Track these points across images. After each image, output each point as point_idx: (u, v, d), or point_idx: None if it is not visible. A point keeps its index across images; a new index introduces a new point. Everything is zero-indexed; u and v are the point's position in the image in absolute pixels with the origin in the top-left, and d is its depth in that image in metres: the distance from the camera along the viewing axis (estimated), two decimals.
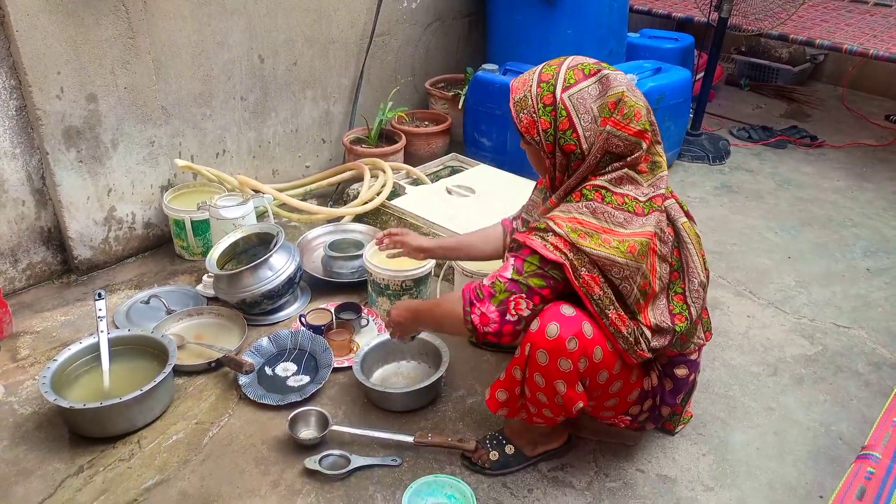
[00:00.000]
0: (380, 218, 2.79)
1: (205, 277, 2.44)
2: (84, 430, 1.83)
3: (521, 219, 1.93)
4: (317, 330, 2.19)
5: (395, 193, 2.86)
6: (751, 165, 3.75)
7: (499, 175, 3.01)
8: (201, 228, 2.60)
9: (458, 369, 2.10)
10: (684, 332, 1.61)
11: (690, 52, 4.07)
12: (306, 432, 1.85)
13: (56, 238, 2.49)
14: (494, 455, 1.76)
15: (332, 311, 2.26)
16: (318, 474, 1.73)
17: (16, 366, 2.10)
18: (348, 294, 2.46)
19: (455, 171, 3.15)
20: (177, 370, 1.98)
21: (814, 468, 1.84)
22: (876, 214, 3.26)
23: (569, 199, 1.55)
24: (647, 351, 1.55)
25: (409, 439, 1.80)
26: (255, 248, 2.42)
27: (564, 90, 1.50)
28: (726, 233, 3.05)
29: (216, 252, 2.32)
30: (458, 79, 3.67)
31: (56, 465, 1.76)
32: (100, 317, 1.99)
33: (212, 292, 2.35)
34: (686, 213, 1.65)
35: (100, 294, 2.04)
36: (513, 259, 1.53)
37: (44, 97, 2.23)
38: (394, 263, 2.20)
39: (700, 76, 3.95)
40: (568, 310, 1.50)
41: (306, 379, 2.05)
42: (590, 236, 1.47)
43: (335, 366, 2.07)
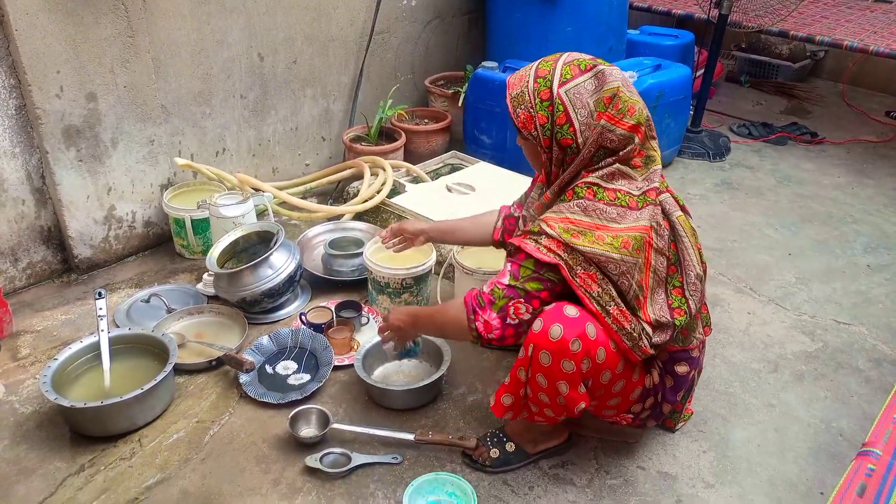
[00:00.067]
0: (380, 216, 2.79)
1: (205, 276, 2.44)
2: (85, 429, 1.83)
3: (519, 205, 1.96)
4: (317, 328, 2.19)
5: (395, 191, 2.86)
6: (751, 162, 3.75)
7: (499, 172, 3.01)
8: (201, 227, 2.60)
9: (459, 367, 2.10)
10: (684, 326, 1.61)
11: (690, 49, 4.07)
12: (307, 430, 1.85)
13: (56, 237, 2.49)
14: (495, 453, 1.77)
15: (333, 309, 2.26)
16: (319, 472, 1.73)
17: (16, 365, 2.10)
18: (348, 292, 2.46)
19: (455, 168, 3.15)
20: (177, 369, 1.98)
21: (814, 465, 1.84)
22: (876, 211, 3.26)
23: (562, 198, 1.56)
24: (649, 347, 1.55)
25: (410, 437, 1.81)
26: (255, 246, 2.42)
27: (561, 85, 1.51)
28: (726, 229, 3.04)
29: (216, 250, 2.32)
30: (457, 76, 3.67)
31: (57, 464, 1.76)
32: (100, 316, 1.99)
33: (212, 291, 2.35)
34: (681, 207, 1.65)
35: (100, 293, 2.04)
36: (510, 265, 1.55)
37: (43, 96, 2.23)
38: (399, 259, 2.21)
39: (700, 73, 3.94)
40: (571, 311, 1.50)
41: (307, 377, 2.05)
42: (583, 234, 1.48)
43: (336, 364, 2.07)
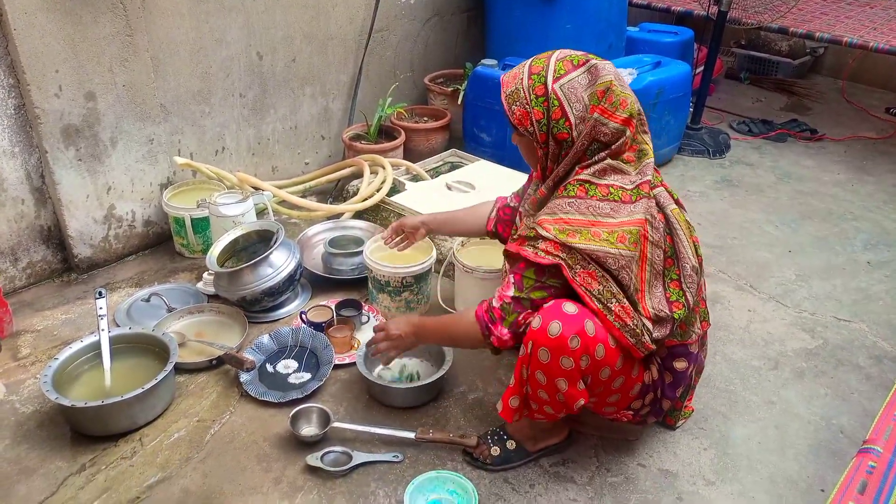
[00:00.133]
0: (379, 214, 2.79)
1: (205, 275, 2.44)
2: (86, 429, 1.83)
3: (517, 196, 1.98)
4: (318, 327, 2.19)
5: (395, 190, 2.86)
6: (751, 159, 3.74)
7: (498, 170, 3.00)
8: (201, 226, 2.60)
9: (460, 365, 2.09)
10: (683, 319, 1.61)
11: (690, 46, 4.07)
12: (308, 429, 1.85)
13: (56, 236, 2.49)
14: (496, 450, 1.77)
15: (333, 307, 2.26)
16: (320, 471, 1.74)
17: (17, 364, 2.10)
18: (349, 291, 2.46)
19: (455, 166, 3.15)
20: (178, 368, 1.98)
21: (815, 462, 1.84)
22: (876, 207, 3.26)
23: (554, 195, 1.58)
24: (651, 342, 1.55)
25: (411, 435, 1.81)
26: (255, 245, 2.42)
27: (555, 80, 1.53)
28: (727, 227, 3.04)
29: (216, 249, 2.32)
30: (457, 74, 3.66)
31: (58, 464, 1.76)
32: (100, 315, 1.98)
33: (212, 290, 2.35)
34: (676, 201, 1.66)
35: (100, 292, 2.04)
36: (512, 276, 1.57)
37: (42, 95, 2.23)
38: (399, 257, 2.21)
39: (700, 70, 3.94)
40: (570, 307, 1.50)
41: (307, 376, 2.05)
42: (579, 233, 1.49)
43: (336, 363, 2.07)
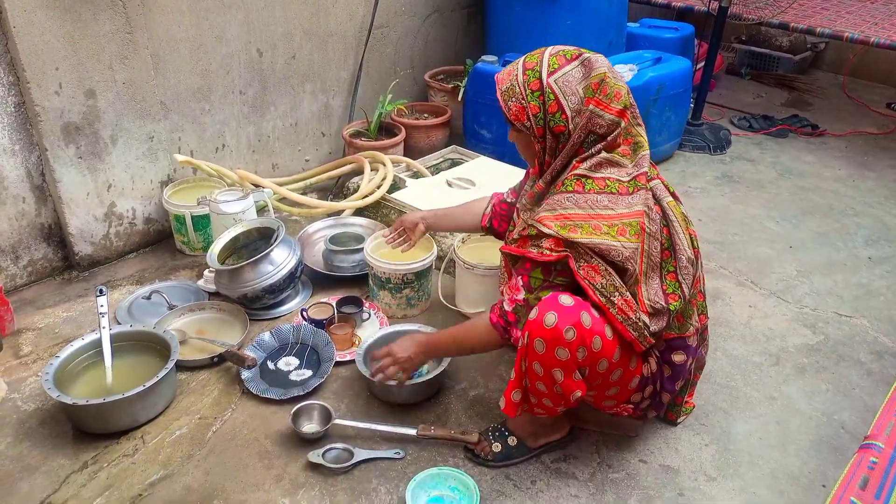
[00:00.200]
0: (380, 211, 2.79)
1: (206, 272, 2.44)
2: (87, 426, 1.83)
3: (513, 192, 1.99)
4: (318, 324, 2.19)
5: (396, 186, 2.85)
6: (752, 155, 3.74)
7: (499, 167, 3.00)
8: (202, 223, 2.60)
9: (461, 362, 2.09)
10: (679, 311, 1.62)
11: (690, 42, 4.06)
12: (309, 426, 1.85)
13: (56, 234, 2.49)
14: (497, 447, 1.77)
15: (334, 305, 2.26)
16: (322, 468, 1.74)
17: (18, 362, 2.10)
18: (349, 288, 2.46)
19: (455, 163, 3.15)
20: (179, 365, 1.98)
21: (816, 457, 1.84)
22: (877, 203, 3.26)
23: (552, 191, 1.59)
24: (650, 336, 1.56)
25: (412, 432, 1.81)
26: (255, 242, 2.42)
27: (550, 75, 1.55)
28: (727, 222, 3.04)
29: (217, 247, 2.32)
30: (457, 71, 3.66)
31: (60, 462, 1.76)
32: (101, 313, 1.98)
33: (213, 287, 2.35)
34: (672, 194, 1.67)
35: (101, 290, 2.04)
36: (520, 278, 1.59)
37: (42, 93, 2.22)
38: (403, 255, 2.22)
39: (700, 66, 3.93)
40: (566, 299, 1.51)
41: (308, 373, 2.05)
42: (580, 227, 1.50)
43: (337, 360, 2.07)
